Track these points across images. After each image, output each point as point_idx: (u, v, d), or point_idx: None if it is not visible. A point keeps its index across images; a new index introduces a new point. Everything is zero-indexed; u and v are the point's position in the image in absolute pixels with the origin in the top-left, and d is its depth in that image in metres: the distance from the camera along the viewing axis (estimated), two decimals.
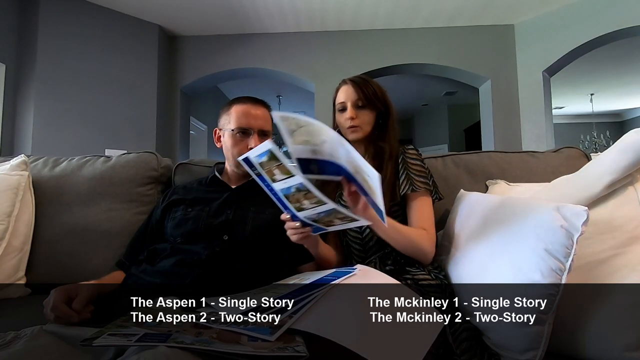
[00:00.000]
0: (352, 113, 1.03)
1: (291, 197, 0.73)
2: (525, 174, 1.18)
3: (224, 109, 1.10)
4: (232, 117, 1.06)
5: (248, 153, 0.71)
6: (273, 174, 0.71)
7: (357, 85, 1.04)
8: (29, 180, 1.16)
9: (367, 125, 1.04)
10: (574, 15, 3.51)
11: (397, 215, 1.00)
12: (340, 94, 1.06)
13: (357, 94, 1.03)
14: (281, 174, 0.70)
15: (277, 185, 0.72)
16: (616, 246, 0.70)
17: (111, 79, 3.42)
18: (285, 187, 0.72)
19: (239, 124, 1.04)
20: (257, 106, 1.08)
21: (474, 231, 0.88)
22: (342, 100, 1.05)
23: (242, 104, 1.07)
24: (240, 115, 1.05)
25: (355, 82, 1.05)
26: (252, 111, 1.06)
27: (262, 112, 1.08)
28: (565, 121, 7.63)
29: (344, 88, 1.06)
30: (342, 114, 1.05)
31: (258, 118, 1.06)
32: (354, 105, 1.03)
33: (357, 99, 1.03)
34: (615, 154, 0.74)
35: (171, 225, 1.00)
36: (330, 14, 3.73)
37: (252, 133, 1.04)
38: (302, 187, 0.70)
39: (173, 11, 3.57)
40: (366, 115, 1.04)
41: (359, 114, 1.03)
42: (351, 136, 1.04)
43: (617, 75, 5.35)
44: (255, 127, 1.05)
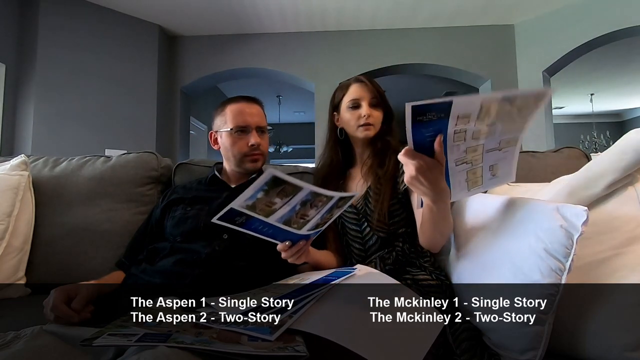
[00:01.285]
0: (368, 110, 1.03)
1: (294, 217, 0.70)
2: (525, 174, 1.18)
3: (218, 111, 1.10)
4: (228, 117, 1.06)
5: (235, 201, 0.63)
6: (272, 204, 0.66)
7: (372, 84, 1.06)
8: (29, 180, 1.16)
9: (379, 124, 1.06)
10: (574, 15, 3.52)
11: (398, 214, 1.00)
12: (353, 92, 1.06)
13: (373, 93, 1.05)
14: (285, 196, 0.66)
15: (274, 217, 0.68)
16: (616, 246, 0.70)
17: (111, 79, 3.42)
18: (288, 210, 0.68)
19: (236, 122, 1.04)
20: (251, 104, 1.09)
21: (474, 231, 0.88)
22: (355, 98, 1.05)
23: (236, 103, 1.08)
24: (236, 114, 1.06)
25: (370, 81, 1.07)
26: (247, 109, 1.07)
27: (257, 109, 1.09)
28: (565, 121, 7.63)
29: (358, 85, 1.06)
30: (354, 111, 1.05)
31: (254, 115, 1.07)
32: (370, 103, 1.04)
33: (372, 97, 1.05)
34: (615, 154, 0.74)
35: (171, 224, 1.01)
36: (330, 14, 3.73)
37: (251, 130, 1.05)
38: (309, 197, 0.68)
39: (173, 11, 3.57)
40: (379, 113, 1.06)
41: (373, 112, 1.04)
42: (364, 134, 1.04)
43: (617, 75, 5.35)
44: (253, 124, 1.05)
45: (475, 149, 0.67)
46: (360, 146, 1.10)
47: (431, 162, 0.63)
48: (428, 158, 0.63)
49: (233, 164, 1.08)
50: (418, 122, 0.58)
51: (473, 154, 0.68)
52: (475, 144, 0.66)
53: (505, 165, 0.74)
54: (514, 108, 0.62)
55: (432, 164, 0.64)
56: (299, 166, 1.36)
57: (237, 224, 0.68)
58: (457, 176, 0.71)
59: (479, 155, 0.69)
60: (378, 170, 1.02)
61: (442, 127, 0.60)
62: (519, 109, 0.63)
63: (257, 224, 0.69)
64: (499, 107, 0.60)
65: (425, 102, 0.55)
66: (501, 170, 0.74)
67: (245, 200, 0.64)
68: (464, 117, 0.60)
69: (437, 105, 0.56)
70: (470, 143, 0.65)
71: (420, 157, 0.63)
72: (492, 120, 0.62)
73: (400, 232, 0.99)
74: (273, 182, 0.63)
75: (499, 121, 0.63)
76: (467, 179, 0.72)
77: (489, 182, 0.76)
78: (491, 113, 0.61)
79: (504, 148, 0.70)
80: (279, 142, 6.60)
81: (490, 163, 0.72)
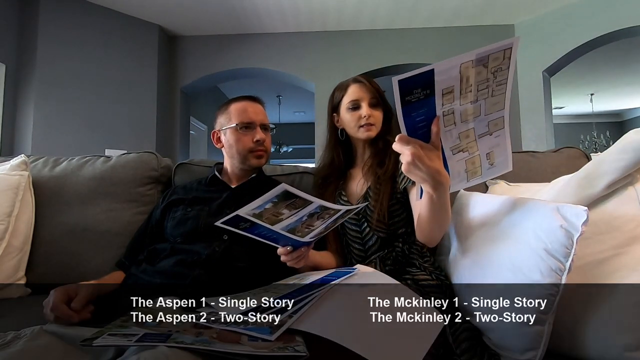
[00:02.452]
0: (369, 111, 1.03)
1: (299, 226, 0.71)
2: (525, 174, 1.18)
3: (221, 110, 1.12)
4: (232, 115, 1.08)
5: (242, 209, 0.65)
6: (279, 214, 0.68)
7: (371, 84, 1.06)
8: (29, 180, 1.16)
9: (380, 123, 1.06)
10: (574, 15, 3.51)
11: (398, 214, 1.00)
12: (352, 93, 1.06)
13: (372, 93, 1.05)
14: (294, 208, 0.67)
15: (279, 225, 0.69)
16: (616, 246, 0.70)
17: (111, 78, 3.42)
18: (294, 220, 0.69)
19: (241, 119, 1.06)
20: (255, 103, 1.11)
21: (474, 231, 0.87)
22: (354, 99, 1.05)
23: (240, 102, 1.10)
24: (241, 111, 1.07)
25: (369, 81, 1.07)
26: (250, 107, 1.09)
27: (260, 107, 1.11)
28: (565, 121, 7.63)
29: (357, 86, 1.06)
30: (354, 112, 1.04)
31: (258, 113, 1.09)
32: (370, 103, 1.04)
33: (372, 97, 1.04)
34: (615, 154, 0.74)
35: (171, 225, 1.01)
36: (330, 14, 3.73)
37: (255, 126, 1.07)
38: (317, 210, 0.68)
39: (173, 11, 3.57)
40: (379, 113, 1.05)
41: (374, 112, 1.04)
42: (365, 134, 1.04)
43: (617, 75, 5.35)
44: (257, 121, 1.07)
45: (468, 135, 0.69)
46: (361, 146, 1.10)
47: (426, 146, 0.63)
48: (423, 142, 0.63)
49: (237, 161, 1.08)
50: (407, 103, 0.59)
51: (466, 140, 0.69)
52: (466, 129, 0.68)
53: (501, 153, 0.75)
54: (490, 73, 0.63)
55: (428, 148, 0.64)
56: (299, 166, 1.36)
57: (241, 229, 0.69)
58: (456, 166, 0.72)
59: (473, 142, 0.70)
60: (378, 169, 1.02)
61: (431, 108, 0.62)
62: (493, 73, 0.63)
63: (261, 229, 0.70)
64: (476, 74, 0.62)
65: (409, 74, 0.56)
66: (498, 159, 0.75)
67: (253, 209, 0.65)
68: (448, 92, 0.61)
69: (421, 76, 0.58)
70: (461, 128, 0.67)
71: (414, 142, 0.63)
72: (474, 94, 0.64)
73: (400, 233, 0.99)
74: (284, 195, 0.64)
75: (480, 96, 0.65)
76: (466, 169, 0.74)
77: (487, 172, 0.77)
78: (470, 81, 0.62)
79: (494, 132, 0.71)
80: (279, 142, 6.60)
81: (486, 150, 0.73)
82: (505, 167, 0.78)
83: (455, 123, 0.66)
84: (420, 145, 0.63)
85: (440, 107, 0.62)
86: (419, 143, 0.63)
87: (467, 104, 0.65)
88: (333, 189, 1.10)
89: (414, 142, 0.62)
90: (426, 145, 0.63)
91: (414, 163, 0.63)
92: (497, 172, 0.79)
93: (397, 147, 0.64)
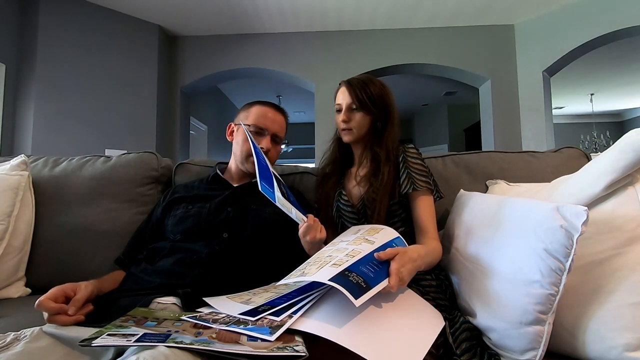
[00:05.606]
0: (344, 116, 1.04)
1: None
2: (525, 174, 1.18)
3: (244, 107, 1.13)
4: (251, 115, 1.08)
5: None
6: None
7: (352, 88, 1.04)
8: (29, 180, 1.16)
9: (361, 128, 1.04)
10: (574, 15, 3.51)
11: (397, 214, 1.00)
12: (338, 95, 1.08)
13: (351, 98, 1.04)
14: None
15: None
16: (616, 246, 0.70)
17: (111, 79, 3.42)
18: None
19: (256, 122, 1.07)
20: (278, 112, 1.11)
21: (474, 231, 0.87)
22: (338, 102, 1.07)
23: (264, 106, 1.10)
24: (260, 114, 1.08)
25: (351, 84, 1.05)
26: (271, 115, 1.09)
27: (281, 119, 1.11)
28: (565, 121, 7.63)
29: (341, 90, 1.07)
30: (338, 115, 1.08)
31: (275, 122, 1.09)
32: (348, 108, 1.04)
33: (350, 102, 1.04)
34: (615, 154, 0.74)
35: (172, 223, 1.00)
36: (330, 14, 3.73)
37: (266, 134, 1.07)
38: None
39: (173, 11, 3.57)
40: (360, 118, 1.04)
41: (352, 117, 1.04)
42: (345, 138, 1.07)
43: (617, 75, 5.35)
44: (271, 130, 1.07)
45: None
46: (357, 148, 1.10)
47: (396, 258, 0.71)
48: (395, 256, 0.72)
49: (238, 160, 1.09)
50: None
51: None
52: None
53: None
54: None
55: (399, 259, 0.71)
56: (299, 166, 1.36)
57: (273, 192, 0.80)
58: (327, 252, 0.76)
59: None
60: (372, 179, 1.01)
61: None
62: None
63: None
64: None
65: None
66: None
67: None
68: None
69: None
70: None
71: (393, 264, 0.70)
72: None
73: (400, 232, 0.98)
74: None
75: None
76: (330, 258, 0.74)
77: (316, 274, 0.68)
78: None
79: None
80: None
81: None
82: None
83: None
84: (394, 260, 0.70)
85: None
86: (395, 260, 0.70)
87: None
88: (332, 185, 1.11)
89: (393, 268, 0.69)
90: (396, 258, 0.71)
91: (405, 277, 0.70)
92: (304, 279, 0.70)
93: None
